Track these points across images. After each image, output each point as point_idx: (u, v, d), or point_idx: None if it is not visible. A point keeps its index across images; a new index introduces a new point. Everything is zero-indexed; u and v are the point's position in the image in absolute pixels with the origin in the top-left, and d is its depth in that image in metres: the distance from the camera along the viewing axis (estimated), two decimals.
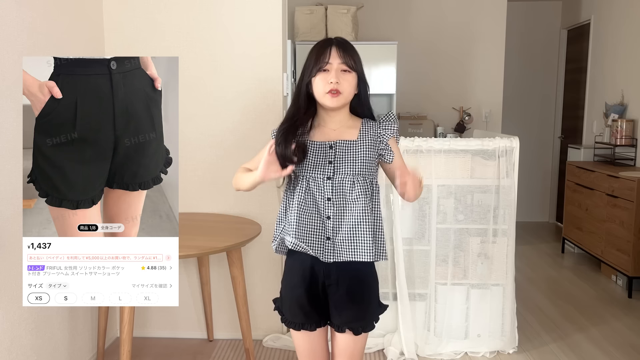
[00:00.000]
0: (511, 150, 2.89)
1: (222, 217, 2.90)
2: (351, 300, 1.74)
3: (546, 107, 6.29)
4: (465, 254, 2.96)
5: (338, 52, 1.68)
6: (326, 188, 1.70)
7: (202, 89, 2.95)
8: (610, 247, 4.12)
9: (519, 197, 3.25)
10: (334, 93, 1.67)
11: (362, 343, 1.81)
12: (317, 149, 1.72)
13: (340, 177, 1.70)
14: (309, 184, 1.71)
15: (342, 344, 1.78)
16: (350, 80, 1.69)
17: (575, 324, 3.40)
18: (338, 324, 1.76)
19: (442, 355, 2.92)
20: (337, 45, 1.69)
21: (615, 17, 4.95)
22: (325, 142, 1.72)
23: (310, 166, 1.71)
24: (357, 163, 1.70)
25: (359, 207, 1.69)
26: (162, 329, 3.13)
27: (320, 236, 1.71)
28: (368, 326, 1.79)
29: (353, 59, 1.70)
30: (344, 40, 1.74)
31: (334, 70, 1.67)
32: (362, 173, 1.71)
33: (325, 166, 1.70)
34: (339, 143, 1.72)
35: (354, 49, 1.73)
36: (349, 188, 1.70)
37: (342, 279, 1.73)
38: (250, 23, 2.91)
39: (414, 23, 5.37)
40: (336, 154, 1.71)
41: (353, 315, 1.75)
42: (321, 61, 1.68)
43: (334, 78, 1.66)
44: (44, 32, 2.34)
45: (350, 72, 1.70)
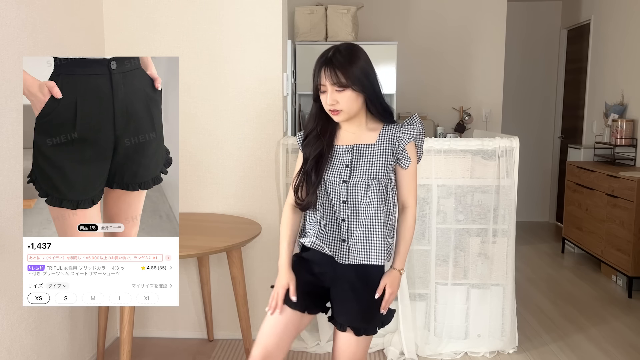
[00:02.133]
0: (511, 150, 2.89)
1: (222, 217, 2.90)
2: (355, 296, 1.74)
3: (546, 107, 6.29)
4: (465, 254, 2.96)
5: (327, 73, 1.66)
6: (342, 191, 1.74)
7: (202, 89, 2.95)
8: (610, 247, 4.12)
9: (519, 197, 3.25)
10: (334, 112, 1.71)
11: (363, 348, 1.78)
12: (337, 153, 1.77)
13: (355, 180, 1.73)
14: (327, 187, 1.76)
15: (342, 344, 1.77)
16: (346, 97, 1.68)
17: (575, 324, 3.40)
18: (341, 322, 1.76)
19: (442, 355, 2.92)
20: (327, 64, 1.67)
21: (615, 17, 4.95)
22: (344, 146, 1.77)
23: (328, 170, 1.75)
24: (373, 167, 1.73)
25: (372, 210, 1.72)
26: (162, 329, 3.13)
27: (337, 238, 1.76)
28: (370, 329, 1.77)
29: (345, 75, 1.65)
30: (336, 53, 1.68)
31: (329, 92, 1.68)
32: (378, 177, 1.73)
33: (342, 170, 1.75)
34: (357, 147, 1.76)
35: (349, 61, 1.67)
36: (363, 191, 1.72)
37: (349, 273, 1.76)
38: (250, 23, 2.91)
39: (414, 23, 5.37)
40: (353, 158, 1.75)
41: (357, 314, 1.74)
42: (317, 83, 1.71)
43: (329, 100, 1.69)
44: (44, 32, 2.34)
45: (345, 90, 1.67)
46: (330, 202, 1.76)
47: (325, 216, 1.77)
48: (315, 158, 1.76)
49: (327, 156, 1.76)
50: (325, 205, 1.77)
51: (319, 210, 1.77)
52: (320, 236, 1.77)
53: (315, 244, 1.78)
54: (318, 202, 1.77)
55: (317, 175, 1.75)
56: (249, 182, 2.99)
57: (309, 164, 1.77)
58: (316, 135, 1.78)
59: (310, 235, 1.79)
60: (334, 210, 1.76)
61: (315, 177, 1.75)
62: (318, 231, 1.77)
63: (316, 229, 1.77)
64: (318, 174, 1.75)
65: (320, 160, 1.76)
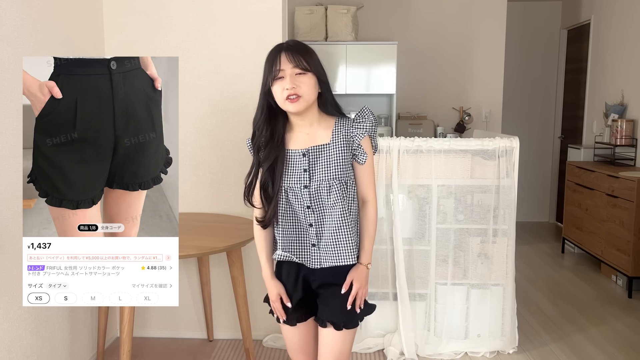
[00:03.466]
0: (511, 150, 2.89)
1: (222, 217, 2.90)
2: (333, 294, 1.75)
3: (546, 107, 6.29)
4: (465, 254, 2.96)
5: (288, 56, 1.65)
6: (304, 197, 1.70)
7: (202, 89, 2.95)
8: (610, 247, 4.11)
9: (519, 197, 3.25)
10: (293, 98, 1.64)
11: (347, 343, 1.79)
12: (292, 158, 1.71)
13: (316, 184, 1.69)
14: (287, 195, 1.72)
15: (326, 341, 1.78)
16: (307, 81, 1.66)
17: (575, 324, 3.40)
18: (322, 319, 1.78)
19: (442, 355, 2.92)
20: (287, 50, 1.66)
21: (615, 17, 4.95)
22: (298, 150, 1.71)
23: (287, 177, 1.71)
24: (331, 167, 1.69)
25: (337, 211, 1.70)
26: (162, 329, 3.13)
27: (306, 243, 1.75)
28: (350, 323, 1.77)
29: (306, 60, 1.65)
30: (295, 42, 1.70)
31: (288, 75, 1.64)
32: (338, 176, 1.70)
33: (301, 174, 1.70)
34: (312, 149, 1.71)
35: (307, 50, 1.69)
36: (325, 193, 1.70)
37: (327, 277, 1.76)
38: (250, 23, 2.91)
39: (414, 23, 5.37)
40: (310, 162, 1.70)
41: (336, 309, 1.75)
42: (274, 69, 1.66)
43: (289, 84, 1.63)
44: (44, 32, 2.34)
45: (306, 74, 1.66)
46: (294, 209, 1.72)
47: (290, 224, 1.74)
48: (271, 167, 1.69)
49: (283, 163, 1.70)
50: (288, 213, 1.73)
51: (280, 221, 1.74)
52: (287, 246, 1.75)
53: (284, 256, 1.76)
54: (279, 212, 1.72)
55: (274, 188, 1.69)
56: None
57: (263, 176, 1.71)
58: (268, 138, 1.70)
59: (279, 248, 1.77)
60: (298, 217, 1.73)
61: (272, 189, 1.69)
62: (283, 242, 1.75)
63: (281, 240, 1.75)
64: (274, 185, 1.69)
65: (274, 169, 1.69)
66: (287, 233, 1.75)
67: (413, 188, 2.94)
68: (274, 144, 1.70)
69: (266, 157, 1.70)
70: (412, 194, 2.95)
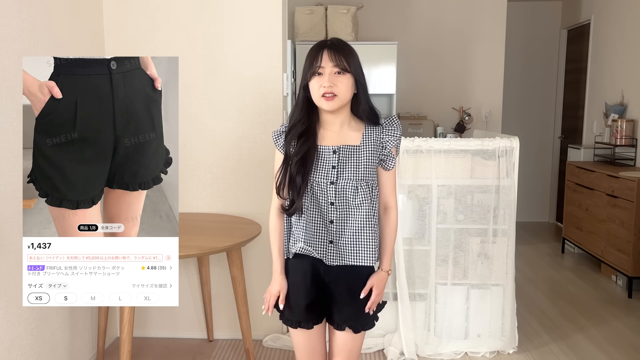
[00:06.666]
0: (511, 151, 2.89)
1: (222, 217, 2.90)
2: (351, 298, 1.75)
3: (546, 107, 6.29)
4: (465, 254, 2.96)
5: (330, 55, 1.66)
6: (329, 193, 1.71)
7: (202, 89, 2.95)
8: (610, 247, 4.11)
9: (519, 197, 3.25)
10: (329, 97, 1.66)
11: (360, 341, 1.82)
12: (321, 154, 1.72)
13: (343, 182, 1.71)
14: (314, 188, 1.72)
15: (340, 342, 1.79)
16: (344, 81, 1.67)
17: (575, 324, 3.40)
18: (338, 322, 1.77)
19: (442, 355, 2.92)
20: (330, 47, 1.67)
21: (615, 17, 4.95)
22: (329, 146, 1.72)
23: (315, 171, 1.71)
24: (360, 168, 1.71)
25: (364, 213, 1.71)
26: (162, 329, 3.13)
27: (324, 239, 1.74)
28: (368, 324, 1.80)
29: (347, 60, 1.67)
30: (338, 41, 1.71)
31: (327, 73, 1.66)
32: (365, 178, 1.71)
33: (329, 171, 1.71)
34: (343, 148, 1.72)
35: (350, 50, 1.70)
36: (352, 193, 1.71)
37: (343, 277, 1.75)
38: (250, 23, 2.91)
39: (414, 23, 5.37)
40: (339, 159, 1.72)
41: (354, 313, 1.76)
42: (314, 65, 1.67)
43: (327, 82, 1.65)
44: (44, 32, 2.34)
45: (345, 74, 1.67)
46: (317, 204, 1.73)
47: (312, 218, 1.73)
48: (301, 159, 1.70)
49: (314, 157, 1.71)
50: (311, 207, 1.73)
51: (304, 213, 1.74)
52: (308, 240, 1.74)
53: (304, 249, 1.75)
54: (304, 205, 1.73)
55: (303, 179, 1.70)
56: (249, 183, 2.99)
57: (293, 166, 1.71)
58: (302, 130, 1.71)
59: (299, 240, 1.75)
60: (321, 212, 1.73)
61: (301, 180, 1.70)
62: (305, 235, 1.74)
63: (303, 232, 1.74)
64: (304, 178, 1.70)
65: (305, 161, 1.70)
66: (308, 227, 1.74)
67: (413, 188, 2.94)
68: (308, 137, 1.71)
69: (299, 149, 1.71)
70: (412, 194, 2.95)
